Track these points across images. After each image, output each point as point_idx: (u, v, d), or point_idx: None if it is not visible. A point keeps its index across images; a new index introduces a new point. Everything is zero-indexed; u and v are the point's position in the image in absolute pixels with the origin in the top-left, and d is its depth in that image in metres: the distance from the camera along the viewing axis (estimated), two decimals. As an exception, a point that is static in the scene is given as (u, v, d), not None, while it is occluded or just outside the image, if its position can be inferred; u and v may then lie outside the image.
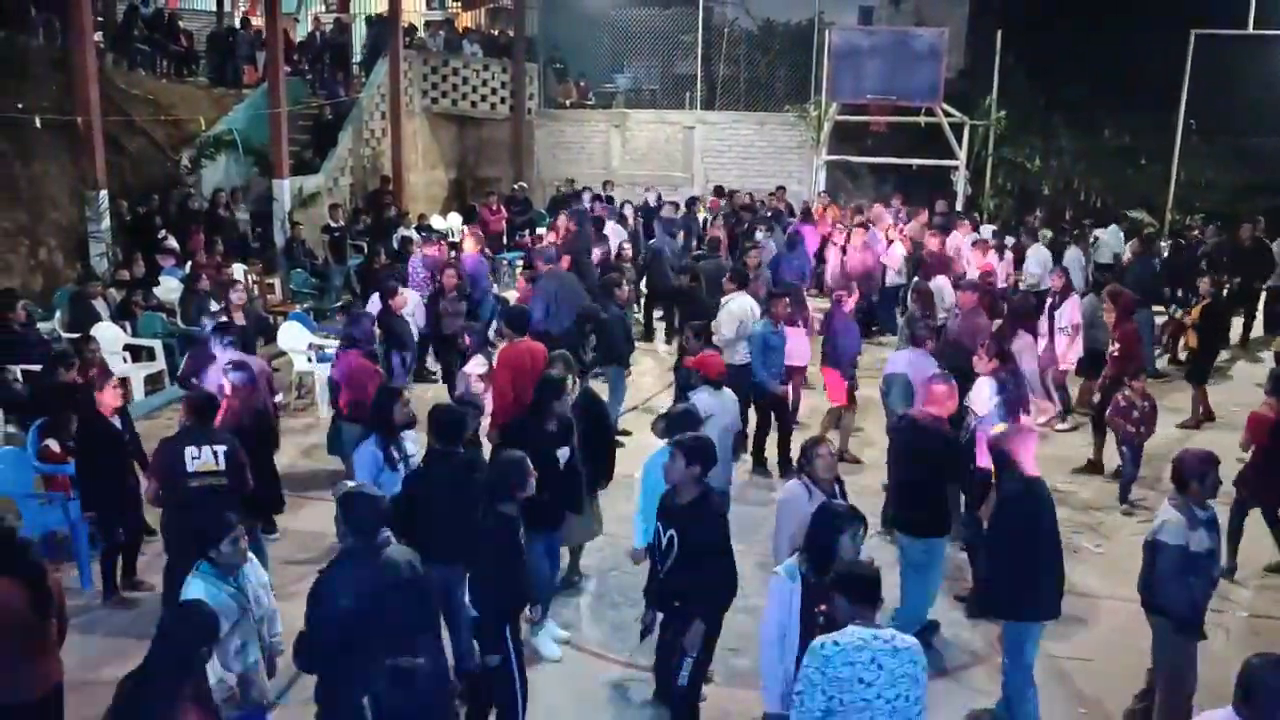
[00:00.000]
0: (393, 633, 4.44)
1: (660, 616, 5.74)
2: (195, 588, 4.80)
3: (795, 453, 9.23)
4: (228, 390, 7.39)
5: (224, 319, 9.49)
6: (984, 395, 7.53)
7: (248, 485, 6.51)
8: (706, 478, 5.50)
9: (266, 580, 5.28)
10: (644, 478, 6.39)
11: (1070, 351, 10.89)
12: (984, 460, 6.68)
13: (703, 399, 7.29)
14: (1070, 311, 10.89)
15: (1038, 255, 14.02)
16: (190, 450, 6.30)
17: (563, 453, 6.67)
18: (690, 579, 5.41)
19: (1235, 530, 7.84)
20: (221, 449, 6.36)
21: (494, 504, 5.39)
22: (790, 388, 10.21)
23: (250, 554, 5.13)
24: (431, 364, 12.41)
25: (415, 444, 6.72)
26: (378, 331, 9.71)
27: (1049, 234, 15.66)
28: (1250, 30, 18.55)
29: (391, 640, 4.34)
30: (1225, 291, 13.59)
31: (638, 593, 7.42)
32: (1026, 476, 5.73)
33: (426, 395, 10.38)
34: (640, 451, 7.86)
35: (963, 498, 7.39)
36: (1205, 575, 5.56)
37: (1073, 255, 14.17)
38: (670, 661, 5.59)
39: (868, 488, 8.56)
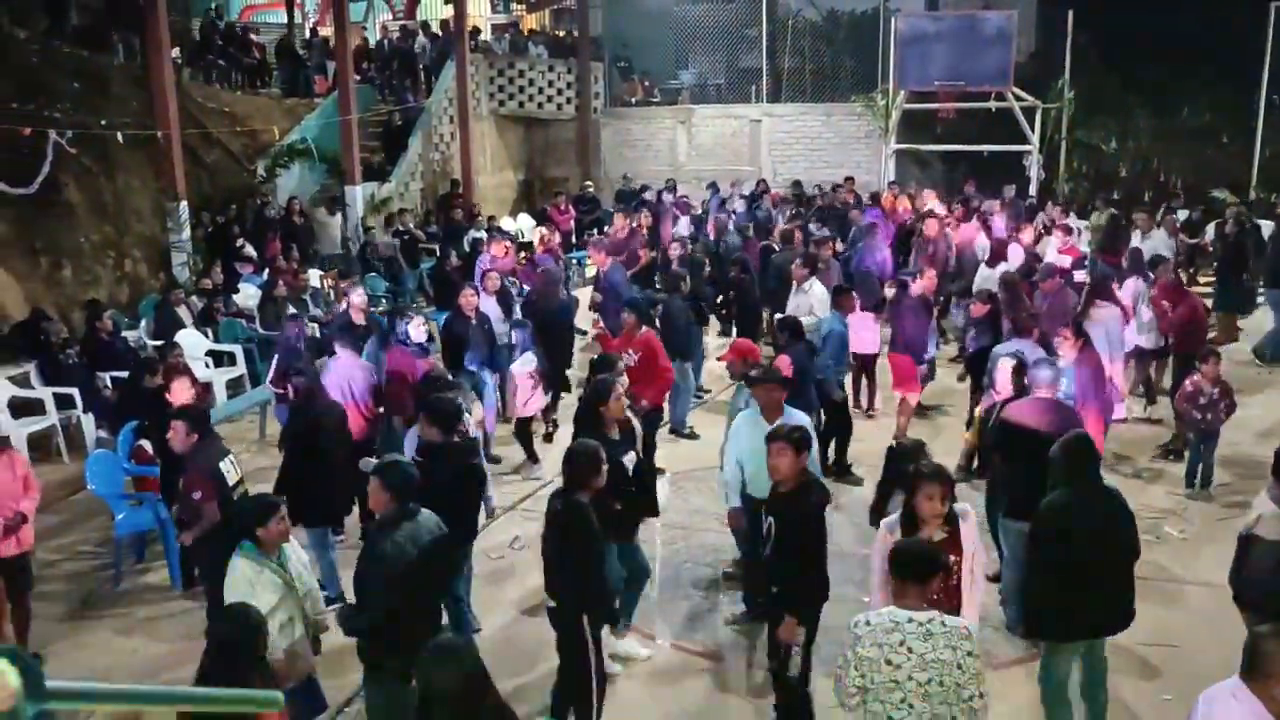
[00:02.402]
0: (434, 578, 5.11)
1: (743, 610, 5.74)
2: (238, 566, 4.96)
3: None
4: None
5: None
6: (1005, 376, 7.37)
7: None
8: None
9: (307, 560, 5.46)
10: (731, 437, 6.59)
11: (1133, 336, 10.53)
12: None
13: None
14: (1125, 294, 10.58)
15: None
16: (225, 464, 6.36)
17: (629, 458, 6.41)
18: (784, 570, 5.41)
19: None
20: (230, 457, 6.48)
21: (567, 493, 5.44)
22: (863, 378, 10.14)
23: (292, 537, 5.27)
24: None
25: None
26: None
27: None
28: (1335, -1, 17.98)
29: (435, 584, 5.15)
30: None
31: (710, 584, 7.54)
32: (1076, 484, 5.29)
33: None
34: (710, 448, 7.87)
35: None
36: None
37: (1159, 238, 13.74)
38: (778, 653, 5.55)
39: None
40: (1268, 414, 10.72)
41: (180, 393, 7.35)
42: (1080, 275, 12.02)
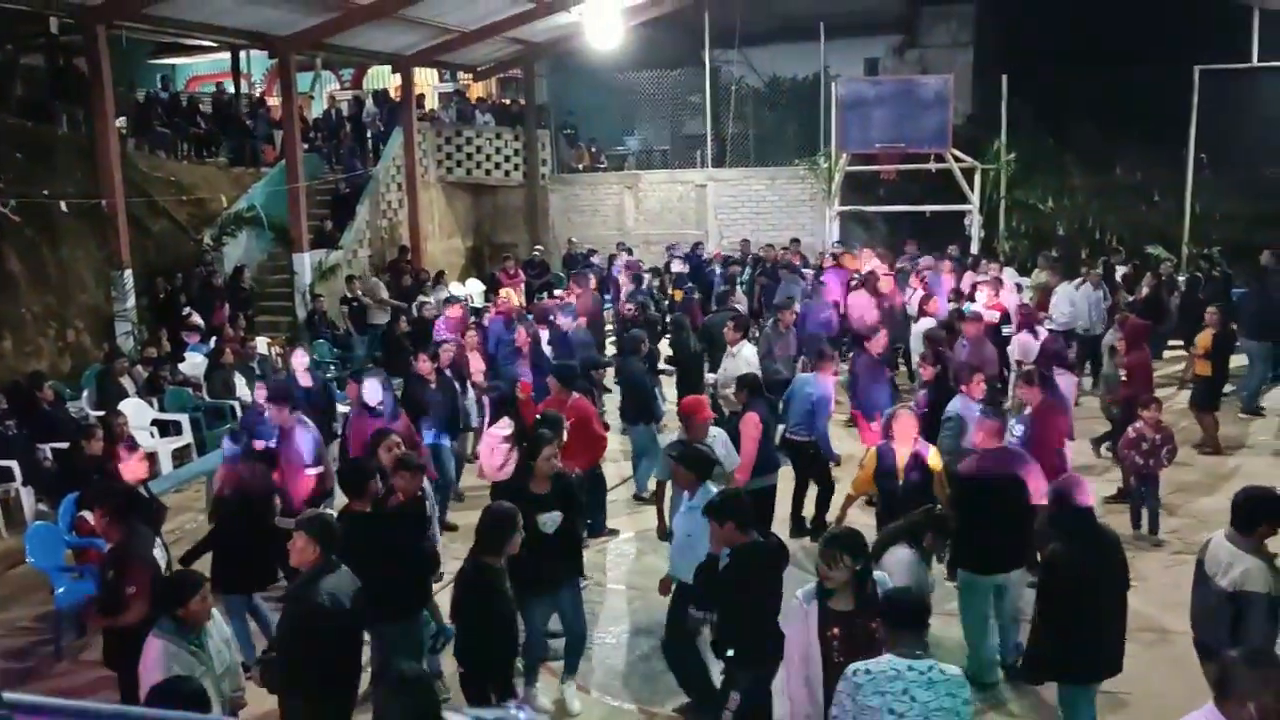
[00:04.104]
0: (359, 630, 5.31)
1: None
2: (153, 646, 4.77)
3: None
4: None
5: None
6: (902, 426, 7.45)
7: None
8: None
9: (230, 634, 5.33)
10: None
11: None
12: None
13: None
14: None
15: (1065, 293, 13.97)
16: (159, 552, 6.23)
17: (549, 518, 6.32)
18: (726, 630, 5.42)
19: None
20: (160, 542, 6.40)
21: (477, 556, 5.44)
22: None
23: (215, 611, 5.10)
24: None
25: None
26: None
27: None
28: (1255, 63, 18.71)
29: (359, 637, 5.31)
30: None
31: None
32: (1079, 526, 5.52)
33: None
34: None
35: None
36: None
37: (1089, 293, 14.11)
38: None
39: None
40: (1217, 464, 11.00)
41: (134, 469, 7.25)
42: (1006, 330, 12.29)
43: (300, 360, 10.41)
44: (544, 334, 12.13)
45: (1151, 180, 20.32)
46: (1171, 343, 15.00)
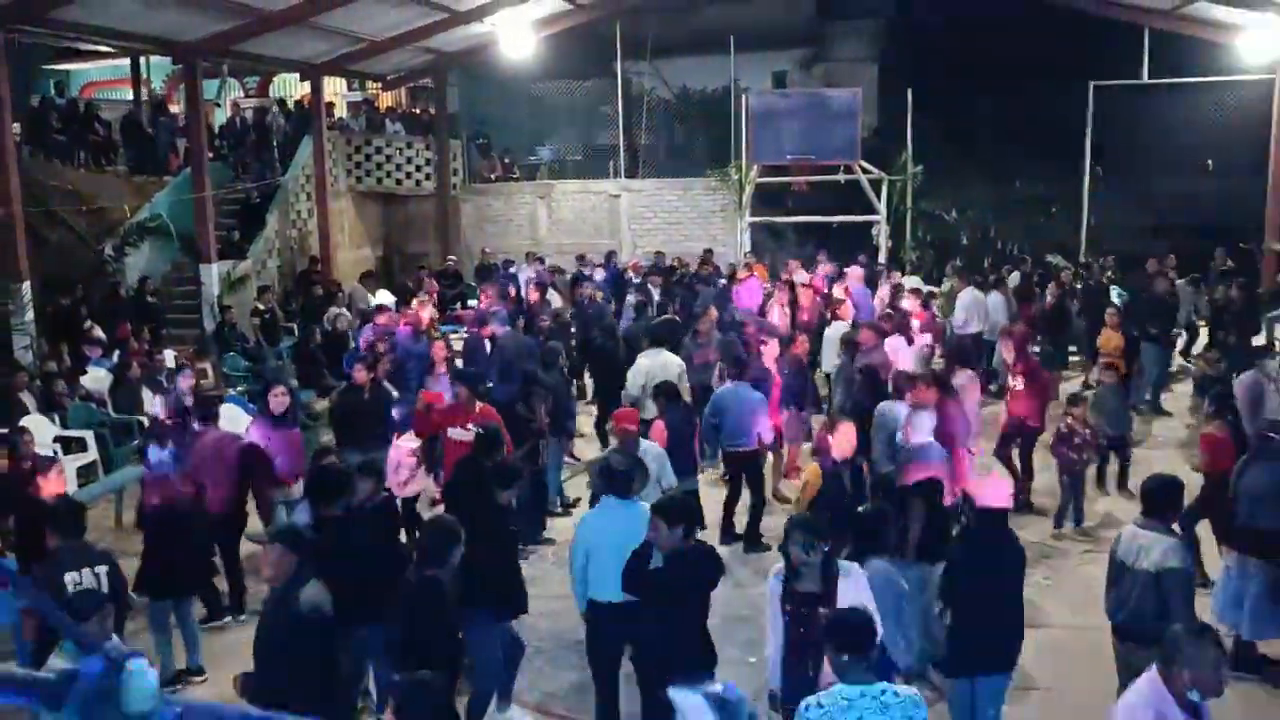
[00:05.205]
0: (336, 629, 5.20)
1: None
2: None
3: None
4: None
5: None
6: (926, 425, 7.67)
7: (129, 607, 6.47)
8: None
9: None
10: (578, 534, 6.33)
11: None
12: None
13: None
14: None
15: (963, 299, 14.42)
16: (70, 576, 5.82)
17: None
18: (660, 632, 5.46)
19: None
20: (104, 569, 5.97)
21: (421, 568, 5.42)
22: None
23: (114, 634, 4.98)
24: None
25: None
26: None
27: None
28: (1145, 80, 19.51)
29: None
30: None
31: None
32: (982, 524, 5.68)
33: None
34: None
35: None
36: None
37: (995, 300, 14.59)
38: None
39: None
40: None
41: (54, 484, 7.06)
42: (926, 338, 12.58)
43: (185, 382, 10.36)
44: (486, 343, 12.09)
45: (1050, 192, 21.07)
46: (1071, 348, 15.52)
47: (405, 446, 8.97)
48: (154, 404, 11.77)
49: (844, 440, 7.28)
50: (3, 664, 4.15)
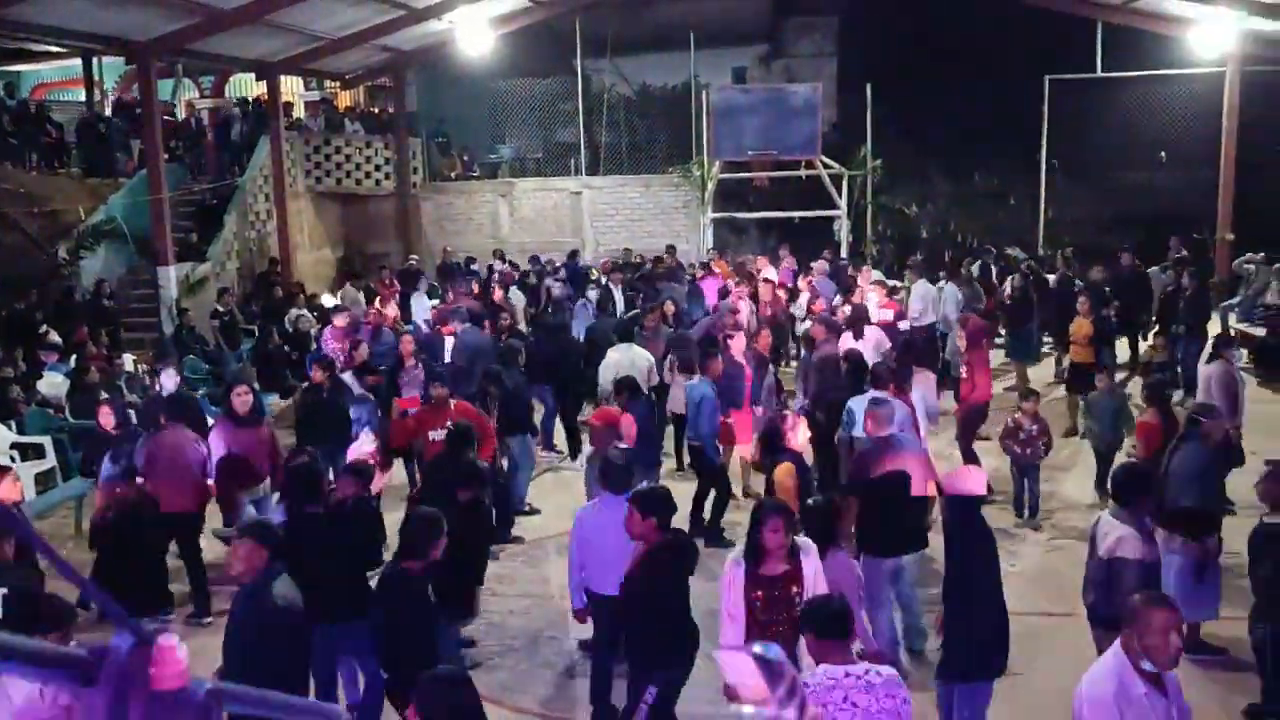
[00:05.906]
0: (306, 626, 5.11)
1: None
2: None
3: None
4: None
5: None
6: (889, 417, 7.72)
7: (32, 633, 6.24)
8: None
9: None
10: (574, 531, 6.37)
11: None
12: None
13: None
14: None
15: (918, 291, 14.54)
16: None
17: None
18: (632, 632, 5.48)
19: None
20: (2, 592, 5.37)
21: (397, 561, 5.43)
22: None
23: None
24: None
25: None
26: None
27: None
28: (1099, 74, 19.76)
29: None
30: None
31: (565, 653, 7.48)
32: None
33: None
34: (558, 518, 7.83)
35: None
36: (1157, 586, 5.57)
37: (950, 291, 14.70)
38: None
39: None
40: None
41: (7, 491, 6.87)
42: (903, 326, 12.75)
43: (169, 381, 10.16)
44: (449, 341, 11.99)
45: (1008, 185, 21.27)
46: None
47: (364, 449, 8.89)
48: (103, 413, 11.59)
49: (800, 434, 7.48)
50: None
